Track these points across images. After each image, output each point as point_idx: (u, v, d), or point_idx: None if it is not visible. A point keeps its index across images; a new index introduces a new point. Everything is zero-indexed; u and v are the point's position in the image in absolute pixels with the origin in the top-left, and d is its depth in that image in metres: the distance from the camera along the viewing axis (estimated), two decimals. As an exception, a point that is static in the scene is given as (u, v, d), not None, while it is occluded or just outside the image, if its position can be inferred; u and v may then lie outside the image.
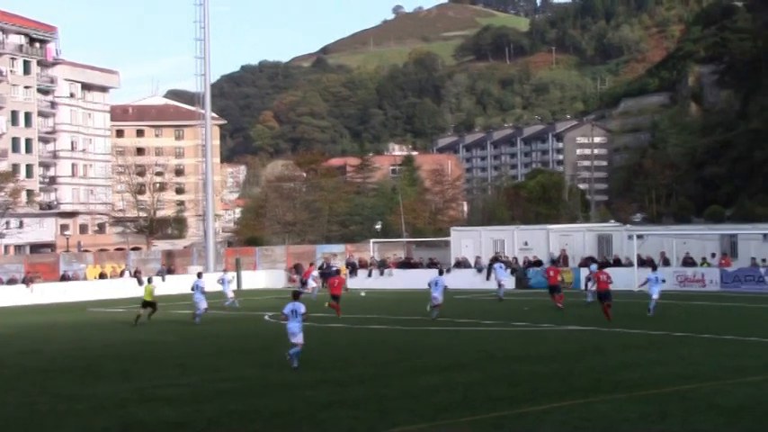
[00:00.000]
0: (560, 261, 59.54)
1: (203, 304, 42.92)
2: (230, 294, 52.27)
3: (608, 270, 41.76)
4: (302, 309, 26.47)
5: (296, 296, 27.26)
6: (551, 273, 46.38)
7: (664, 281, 41.42)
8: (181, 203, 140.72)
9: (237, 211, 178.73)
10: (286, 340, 26.79)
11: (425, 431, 18.13)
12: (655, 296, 39.63)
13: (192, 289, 43.96)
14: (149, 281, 45.16)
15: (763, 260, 54.72)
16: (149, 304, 42.91)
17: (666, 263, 57.13)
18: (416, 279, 61.83)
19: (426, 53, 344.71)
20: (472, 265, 64.28)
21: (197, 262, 76.12)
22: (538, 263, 60.89)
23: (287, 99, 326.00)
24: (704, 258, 57.26)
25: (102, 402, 21.98)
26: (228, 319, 44.37)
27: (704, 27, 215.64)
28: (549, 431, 17.79)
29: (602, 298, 38.60)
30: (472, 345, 31.78)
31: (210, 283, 49.73)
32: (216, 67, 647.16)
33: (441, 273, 43.90)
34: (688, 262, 56.89)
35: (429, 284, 41.30)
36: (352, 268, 69.37)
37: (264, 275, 73.20)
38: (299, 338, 26.27)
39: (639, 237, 59.35)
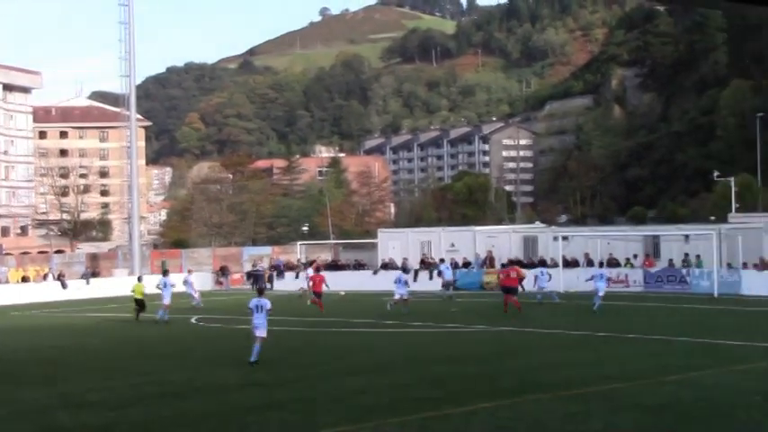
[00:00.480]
0: (487, 262, 59.93)
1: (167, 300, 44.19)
2: (196, 294, 52.50)
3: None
4: (268, 305, 27.56)
5: (261, 292, 28.58)
6: (512, 273, 46.62)
7: (609, 279, 42.43)
8: (105, 206, 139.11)
9: (163, 213, 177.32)
10: (212, 343, 26.61)
11: (352, 433, 18.13)
12: (600, 293, 41.65)
13: (160, 286, 44.96)
14: (139, 279, 47.23)
15: (683, 259, 55.47)
16: (139, 302, 44.23)
17: (590, 263, 57.74)
18: (344, 281, 61.86)
19: (353, 55, 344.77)
20: (399, 266, 64.37)
21: (122, 265, 75.34)
22: (466, 264, 61.18)
23: (213, 101, 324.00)
24: (628, 259, 57.97)
25: (23, 408, 21.65)
26: (155, 323, 43.98)
27: (627, 31, 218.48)
28: (474, 431, 17.89)
29: (507, 291, 42.45)
30: (399, 346, 31.83)
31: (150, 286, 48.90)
32: (141, 69, 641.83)
33: (405, 271, 45.54)
34: (613, 263, 57.55)
35: (394, 282, 45.19)
36: (279, 271, 69.16)
37: (191, 278, 72.52)
38: (262, 332, 27.19)
39: (564, 238, 59.96)
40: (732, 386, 21.89)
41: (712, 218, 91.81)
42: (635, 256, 57.96)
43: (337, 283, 62.35)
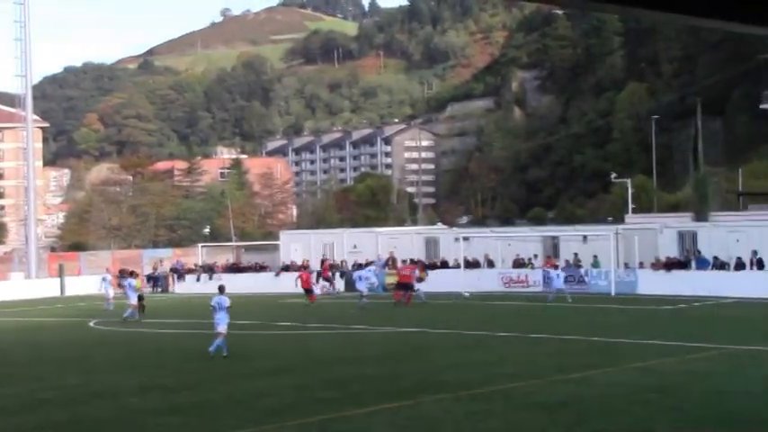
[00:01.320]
0: (389, 264, 60.08)
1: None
2: (110, 296, 51.79)
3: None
4: (227, 302, 29.52)
5: (221, 290, 30.50)
6: (406, 271, 49.67)
7: (568, 278, 46.12)
8: (1, 208, 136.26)
9: (61, 215, 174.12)
10: (111, 347, 26.26)
11: (253, 436, 18.03)
12: (558, 286, 45.58)
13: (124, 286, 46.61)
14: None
15: (575, 256, 56.18)
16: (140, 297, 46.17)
17: (491, 264, 58.28)
18: (245, 283, 61.56)
19: (255, 56, 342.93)
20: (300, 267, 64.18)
21: (18, 268, 73.88)
22: (367, 265, 61.21)
23: (112, 101, 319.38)
24: (529, 259, 58.56)
25: None
26: (51, 326, 43.28)
27: (526, 34, 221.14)
28: (376, 432, 17.91)
29: (403, 288, 47.06)
30: (300, 348, 31.76)
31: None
32: (37, 68, 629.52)
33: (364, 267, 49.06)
34: (519, 263, 58.05)
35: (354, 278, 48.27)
36: (179, 273, 68.49)
37: (89, 281, 71.44)
38: (223, 328, 28.96)
39: (465, 239, 60.41)
40: (628, 384, 22.27)
41: (609, 218, 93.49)
42: (535, 257, 58.61)
43: (238, 285, 62.12)
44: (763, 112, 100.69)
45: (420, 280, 50.58)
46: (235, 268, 68.58)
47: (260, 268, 67.32)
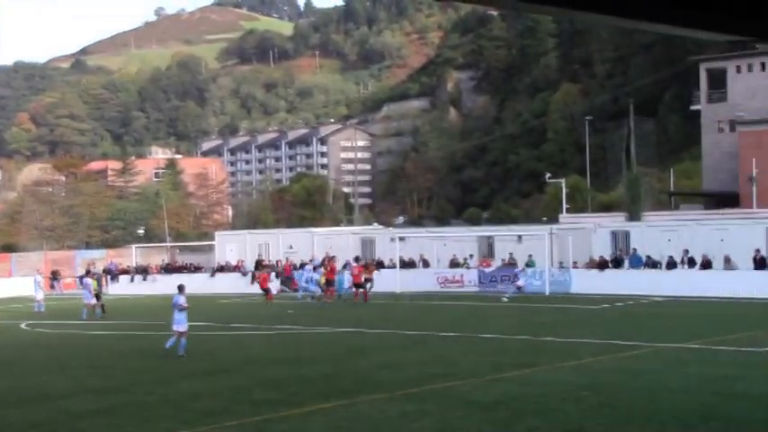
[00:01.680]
0: (325, 264, 60.00)
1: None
2: (40, 298, 51.35)
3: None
4: (180, 300, 29.97)
5: (180, 289, 30.63)
6: (356, 271, 50.97)
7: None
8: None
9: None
10: (42, 349, 25.95)
11: (188, 438, 17.94)
12: (520, 283, 47.15)
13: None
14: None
15: (510, 255, 56.55)
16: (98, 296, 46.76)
17: (426, 264, 58.47)
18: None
19: (189, 56, 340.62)
20: (238, 268, 63.94)
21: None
22: (303, 266, 61.06)
23: (44, 101, 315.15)
24: (465, 259, 58.83)
25: None
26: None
27: (462, 34, 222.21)
28: (312, 433, 17.91)
29: (357, 286, 49.31)
30: (236, 349, 31.64)
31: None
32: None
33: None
34: (455, 263, 58.27)
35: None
36: (113, 275, 67.85)
37: (21, 283, 70.51)
38: (183, 326, 29.39)
39: (401, 239, 60.58)
40: (562, 382, 22.47)
41: (544, 218, 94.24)
42: (471, 257, 58.90)
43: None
44: (694, 114, 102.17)
45: (367, 280, 51.54)
46: (170, 269, 68.08)
47: (195, 269, 66.94)
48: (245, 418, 19.15)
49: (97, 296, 46.86)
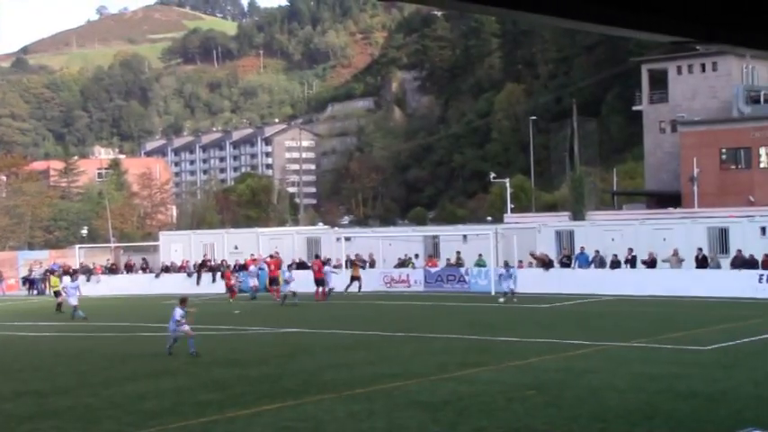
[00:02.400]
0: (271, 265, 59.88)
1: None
2: None
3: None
4: (179, 315, 29.47)
5: (183, 302, 30.24)
6: (315, 267, 52.29)
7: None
8: None
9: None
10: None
11: (134, 440, 17.82)
12: (507, 288, 45.84)
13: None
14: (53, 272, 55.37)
15: (458, 255, 56.76)
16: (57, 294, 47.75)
17: (372, 264, 58.48)
18: (124, 285, 60.81)
19: (133, 55, 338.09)
20: (183, 268, 63.52)
21: None
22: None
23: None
24: (410, 259, 58.90)
25: None
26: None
27: (406, 35, 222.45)
28: (259, 434, 17.86)
29: (318, 284, 50.72)
30: (181, 350, 31.39)
31: None
32: None
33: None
34: (401, 263, 58.26)
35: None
36: (57, 275, 67.01)
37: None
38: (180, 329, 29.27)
39: (347, 239, 60.57)
40: (508, 381, 22.61)
41: (489, 218, 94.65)
42: (416, 256, 59.00)
43: (118, 287, 61.32)
44: (636, 114, 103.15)
45: (354, 278, 53.31)
46: (114, 270, 67.50)
47: (143, 269, 66.42)
48: (191, 419, 19.06)
49: (56, 293, 46.89)
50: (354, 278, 53.67)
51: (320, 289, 51.11)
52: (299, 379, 23.89)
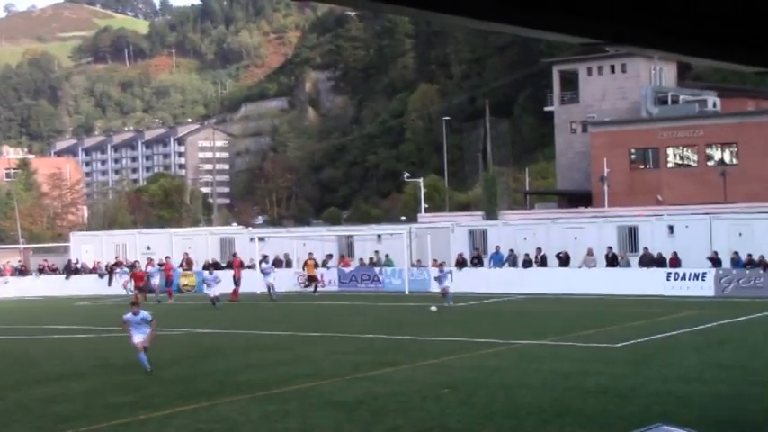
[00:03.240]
0: (184, 264, 59.47)
1: None
2: None
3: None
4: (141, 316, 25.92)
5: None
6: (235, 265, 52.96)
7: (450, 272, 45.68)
8: None
9: None
10: None
11: (44, 444, 17.56)
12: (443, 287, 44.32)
13: None
14: None
15: (376, 254, 56.92)
16: None
17: (287, 264, 58.34)
18: (32, 287, 59.88)
19: (42, 53, 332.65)
20: (95, 269, 62.66)
21: None
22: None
23: None
24: (324, 260, 58.77)
25: None
26: None
27: (320, 35, 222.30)
28: (172, 436, 17.72)
29: (235, 283, 50.86)
30: (91, 353, 31.02)
31: None
32: None
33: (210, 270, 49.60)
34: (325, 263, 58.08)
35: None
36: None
37: None
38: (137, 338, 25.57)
39: (261, 239, 60.34)
40: (422, 380, 22.72)
41: (403, 218, 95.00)
42: (330, 256, 58.96)
43: (27, 288, 60.32)
44: (547, 115, 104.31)
45: (311, 279, 53.24)
46: (24, 271, 66.31)
47: (50, 270, 65.35)
48: (102, 422, 18.84)
49: None
50: (311, 278, 53.58)
51: (236, 288, 50.84)
52: (213, 380, 23.75)
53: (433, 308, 40.00)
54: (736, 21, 9.81)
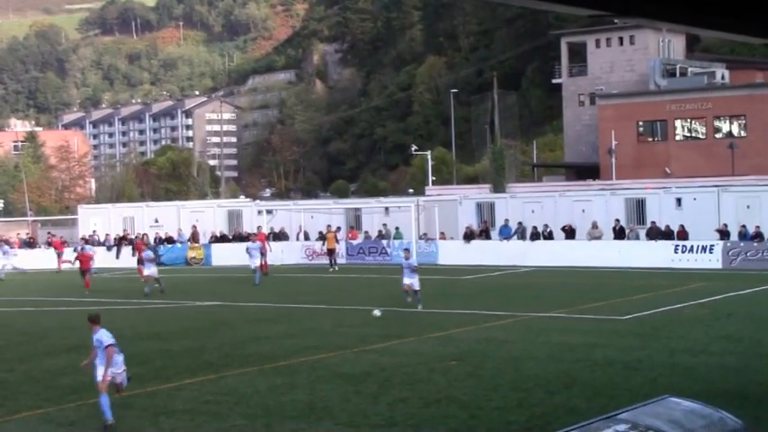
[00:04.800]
0: (191, 237, 59.53)
1: None
2: None
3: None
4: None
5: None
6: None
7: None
8: None
9: None
10: None
11: (52, 415, 17.63)
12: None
13: None
14: None
15: (385, 227, 56.88)
16: None
17: (307, 237, 58.27)
18: (41, 259, 59.90)
19: (49, 26, 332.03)
20: (102, 242, 62.72)
21: None
22: (169, 239, 60.45)
23: None
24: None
25: None
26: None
27: (327, 7, 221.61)
28: (180, 407, 17.78)
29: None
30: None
31: None
32: None
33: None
34: (322, 236, 57.98)
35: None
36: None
37: None
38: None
39: (269, 212, 60.35)
40: (430, 352, 22.78)
41: (410, 190, 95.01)
42: (338, 229, 58.95)
43: (36, 260, 60.36)
44: (555, 87, 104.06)
45: (330, 251, 51.69)
46: (32, 243, 66.38)
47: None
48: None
49: None
50: (330, 251, 52.12)
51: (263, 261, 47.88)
52: (221, 352, 23.82)
53: (377, 312, 30.18)
54: (745, -8, 9.77)
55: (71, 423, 17.08)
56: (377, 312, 29.79)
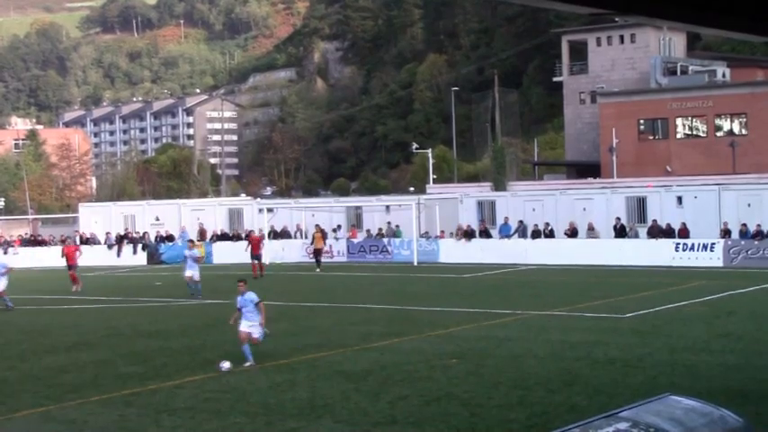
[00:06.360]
0: (200, 236, 59.57)
1: None
2: None
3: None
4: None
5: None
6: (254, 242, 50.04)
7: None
8: None
9: None
10: None
11: (53, 413, 17.64)
12: None
13: None
14: None
15: (388, 225, 56.95)
16: None
17: (300, 235, 58.40)
18: (44, 257, 59.90)
19: (50, 24, 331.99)
20: (102, 241, 62.77)
21: None
22: (170, 237, 60.47)
23: None
24: (333, 230, 58.86)
25: None
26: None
27: (328, 5, 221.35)
28: (181, 405, 17.78)
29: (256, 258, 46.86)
30: (101, 322, 31.12)
31: None
32: None
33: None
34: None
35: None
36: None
37: None
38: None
39: (270, 210, 60.39)
40: (430, 351, 22.79)
41: (411, 189, 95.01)
42: (339, 227, 59.04)
43: (36, 259, 60.40)
44: (556, 85, 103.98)
45: (318, 251, 51.11)
46: (33, 241, 66.41)
47: (61, 242, 65.33)
48: (112, 392, 18.93)
49: None
50: (317, 251, 51.11)
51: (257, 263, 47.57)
52: (221, 350, 23.79)
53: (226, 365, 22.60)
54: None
55: (72, 421, 17.07)
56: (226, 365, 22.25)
